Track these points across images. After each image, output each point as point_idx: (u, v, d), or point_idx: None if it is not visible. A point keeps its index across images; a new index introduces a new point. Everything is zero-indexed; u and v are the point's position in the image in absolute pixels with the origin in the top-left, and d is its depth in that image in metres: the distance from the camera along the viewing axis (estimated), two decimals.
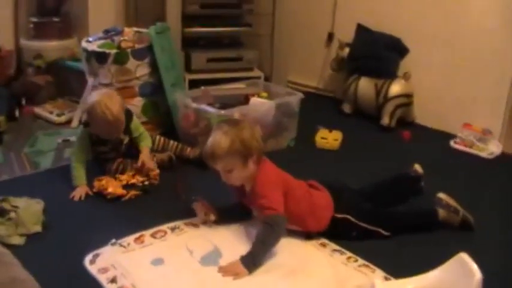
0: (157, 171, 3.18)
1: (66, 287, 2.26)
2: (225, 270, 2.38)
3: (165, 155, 3.37)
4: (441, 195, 2.80)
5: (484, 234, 2.75)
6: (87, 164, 3.15)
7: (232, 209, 2.74)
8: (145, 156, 3.15)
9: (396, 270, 2.34)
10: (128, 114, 3.16)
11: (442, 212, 2.75)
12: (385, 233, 2.65)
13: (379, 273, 2.37)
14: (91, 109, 2.99)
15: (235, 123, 2.57)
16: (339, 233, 2.62)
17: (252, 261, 2.39)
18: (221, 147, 2.45)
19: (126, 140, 3.22)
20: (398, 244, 2.62)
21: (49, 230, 2.64)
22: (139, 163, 3.12)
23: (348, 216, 2.62)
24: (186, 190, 2.99)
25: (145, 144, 3.23)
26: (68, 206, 2.90)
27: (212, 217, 2.67)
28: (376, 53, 4.24)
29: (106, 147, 3.19)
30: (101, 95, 3.05)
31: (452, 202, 2.77)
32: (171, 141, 3.46)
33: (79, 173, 3.08)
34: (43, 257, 2.43)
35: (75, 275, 2.32)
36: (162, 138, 3.45)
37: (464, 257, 2.03)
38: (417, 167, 3.10)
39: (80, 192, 3.01)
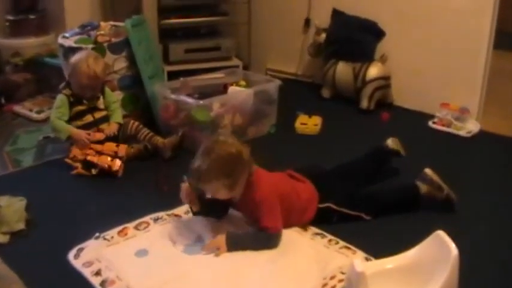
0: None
1: (51, 283, 2.27)
2: (208, 246, 2.44)
3: (140, 145, 3.41)
4: (427, 170, 2.82)
5: (464, 212, 2.79)
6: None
7: (213, 204, 2.62)
8: (109, 129, 3.37)
9: (377, 251, 2.37)
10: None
11: (424, 187, 2.77)
12: (367, 218, 2.68)
13: (360, 255, 2.40)
14: (77, 62, 3.28)
15: (220, 148, 2.40)
16: (320, 219, 2.64)
17: (234, 242, 2.43)
18: (206, 178, 2.38)
19: (101, 102, 3.42)
20: (379, 225, 2.65)
21: (32, 227, 2.65)
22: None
23: (330, 205, 2.64)
24: (166, 182, 3.01)
25: (115, 120, 3.44)
26: (50, 203, 2.91)
27: (194, 208, 2.62)
28: (352, 37, 4.26)
29: (83, 107, 3.35)
30: (88, 53, 3.38)
31: (437, 178, 2.79)
32: (144, 129, 3.46)
33: (64, 124, 3.29)
34: (27, 253, 2.45)
35: (60, 270, 2.33)
36: (135, 124, 3.47)
37: (441, 234, 2.07)
38: (389, 142, 3.11)
39: (80, 136, 3.24)
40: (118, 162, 3.18)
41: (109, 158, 3.18)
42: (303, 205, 2.62)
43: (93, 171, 3.16)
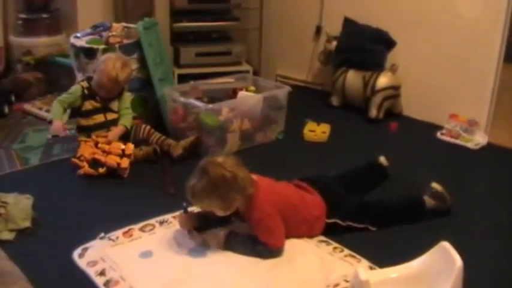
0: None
1: (55, 281, 2.28)
2: (208, 236, 2.51)
3: (150, 148, 3.41)
4: (436, 186, 2.82)
5: (469, 223, 2.80)
6: None
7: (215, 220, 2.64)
8: (113, 132, 3.36)
9: (382, 261, 2.36)
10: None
11: (431, 202, 2.78)
12: (373, 229, 2.67)
13: (364, 263, 2.40)
14: (104, 60, 3.32)
15: (214, 171, 2.39)
16: (327, 232, 2.63)
17: (231, 244, 2.47)
18: (199, 198, 2.42)
19: (116, 105, 3.43)
20: (384, 235, 2.65)
21: (38, 225, 2.65)
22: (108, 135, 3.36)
23: (337, 221, 2.63)
24: (173, 184, 3.02)
25: (122, 123, 3.44)
26: (57, 201, 2.92)
27: (196, 238, 2.56)
28: (363, 45, 4.27)
29: (96, 103, 3.37)
30: (119, 57, 3.41)
31: (444, 192, 2.80)
32: (156, 133, 3.51)
33: (58, 110, 3.30)
34: (33, 251, 2.45)
35: (65, 269, 2.34)
36: (147, 128, 3.52)
37: (446, 245, 2.07)
38: (382, 160, 3.14)
39: (56, 127, 3.25)
40: (127, 160, 3.19)
41: (117, 157, 3.19)
42: (313, 217, 2.61)
43: (101, 170, 3.16)
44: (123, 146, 3.26)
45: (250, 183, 2.46)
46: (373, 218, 2.69)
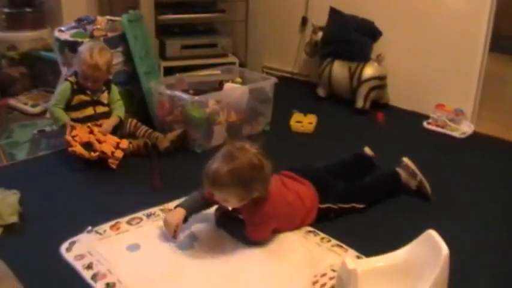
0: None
1: (42, 275, 2.27)
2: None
3: (141, 141, 3.41)
4: (404, 159, 2.96)
5: (455, 212, 2.82)
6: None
7: (199, 204, 2.60)
8: (108, 122, 3.36)
9: (368, 250, 2.37)
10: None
11: (403, 174, 2.92)
12: (360, 206, 2.73)
13: (351, 253, 2.41)
14: (82, 50, 3.32)
15: (244, 156, 2.32)
16: (320, 218, 2.65)
17: (223, 222, 2.57)
18: (222, 183, 2.29)
19: (105, 97, 3.43)
20: (370, 224, 2.67)
21: (25, 221, 2.64)
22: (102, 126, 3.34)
23: (330, 205, 2.66)
24: (160, 178, 3.01)
25: (116, 114, 3.45)
26: (44, 196, 2.90)
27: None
28: (349, 36, 4.26)
29: (86, 97, 3.37)
30: (95, 44, 3.40)
31: (412, 165, 2.92)
32: (143, 126, 3.52)
33: (62, 113, 3.32)
34: (20, 246, 2.45)
35: (52, 263, 2.34)
36: (134, 121, 3.53)
37: (432, 233, 2.07)
38: (367, 150, 3.16)
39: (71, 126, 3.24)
40: (121, 152, 3.19)
41: (112, 147, 3.19)
42: (306, 209, 2.62)
43: (93, 154, 3.13)
44: (118, 140, 3.25)
45: (271, 179, 2.42)
46: (358, 195, 2.77)
